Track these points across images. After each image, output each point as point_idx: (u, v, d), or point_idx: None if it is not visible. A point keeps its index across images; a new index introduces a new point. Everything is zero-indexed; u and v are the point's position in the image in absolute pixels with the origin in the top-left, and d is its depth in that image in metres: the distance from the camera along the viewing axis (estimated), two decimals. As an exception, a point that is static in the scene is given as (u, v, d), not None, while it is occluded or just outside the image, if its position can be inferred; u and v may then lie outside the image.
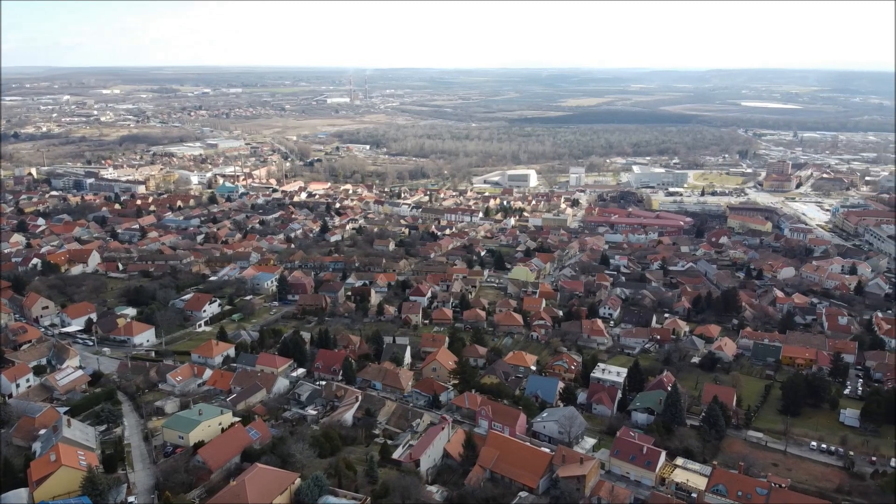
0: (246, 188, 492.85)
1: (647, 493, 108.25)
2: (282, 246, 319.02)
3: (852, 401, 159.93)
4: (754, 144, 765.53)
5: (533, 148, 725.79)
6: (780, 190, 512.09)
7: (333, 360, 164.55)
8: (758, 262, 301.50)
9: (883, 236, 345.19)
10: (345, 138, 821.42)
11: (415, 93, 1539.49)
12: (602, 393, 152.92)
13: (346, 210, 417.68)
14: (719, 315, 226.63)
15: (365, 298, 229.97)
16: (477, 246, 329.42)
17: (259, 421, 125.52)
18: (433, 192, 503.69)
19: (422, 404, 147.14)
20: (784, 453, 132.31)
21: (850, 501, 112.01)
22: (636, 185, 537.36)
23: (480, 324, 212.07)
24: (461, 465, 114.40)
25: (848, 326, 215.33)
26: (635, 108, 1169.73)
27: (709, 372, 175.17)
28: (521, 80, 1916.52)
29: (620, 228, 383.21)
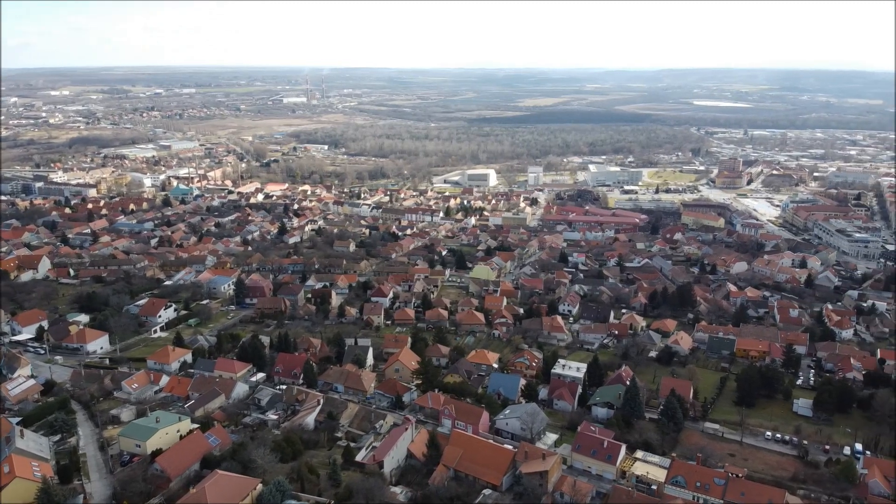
0: (201, 190, 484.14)
1: (609, 486, 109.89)
2: (238, 248, 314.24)
3: (805, 391, 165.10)
4: (706, 142, 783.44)
5: (492, 148, 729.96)
6: (731, 187, 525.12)
7: (294, 364, 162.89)
8: (711, 257, 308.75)
9: (831, 230, 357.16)
10: (302, 138, 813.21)
11: (373, 92, 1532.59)
12: (563, 389, 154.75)
13: (305, 211, 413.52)
14: (675, 310, 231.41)
15: (325, 300, 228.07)
16: (438, 246, 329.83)
17: (218, 427, 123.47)
18: (393, 192, 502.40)
19: (385, 405, 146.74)
20: (740, 444, 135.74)
21: (805, 489, 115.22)
22: (593, 183, 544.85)
23: (443, 323, 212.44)
24: (425, 465, 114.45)
25: (799, 318, 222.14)
26: (591, 107, 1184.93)
27: (666, 366, 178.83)
28: (479, 80, 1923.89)
29: (578, 226, 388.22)
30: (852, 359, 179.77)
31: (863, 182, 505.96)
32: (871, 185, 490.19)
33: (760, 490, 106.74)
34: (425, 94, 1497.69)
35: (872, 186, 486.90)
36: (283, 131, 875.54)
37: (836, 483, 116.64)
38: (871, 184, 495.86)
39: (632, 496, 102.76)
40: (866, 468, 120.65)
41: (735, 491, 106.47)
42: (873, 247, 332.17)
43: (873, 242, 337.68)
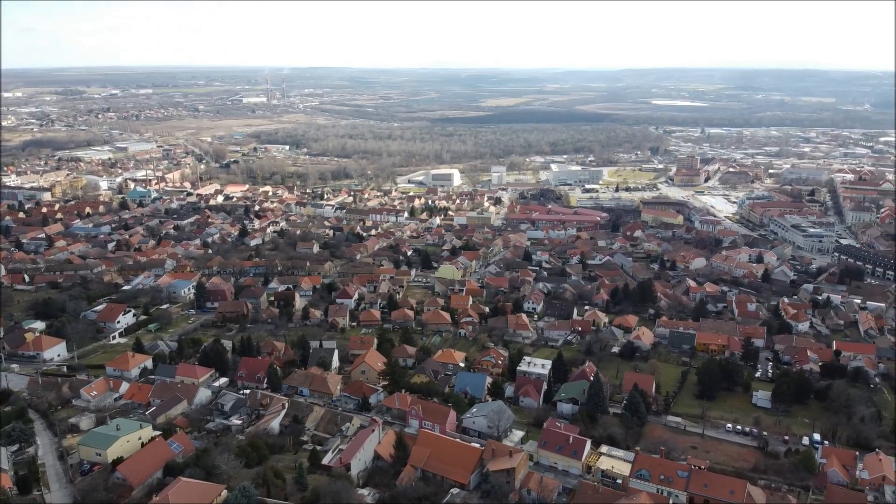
0: (159, 192, 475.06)
1: (575, 481, 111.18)
2: (198, 252, 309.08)
3: (763, 383, 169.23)
4: (664, 141, 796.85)
5: (455, 147, 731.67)
6: (689, 184, 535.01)
7: (257, 368, 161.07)
8: (671, 253, 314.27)
9: (786, 226, 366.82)
10: (263, 139, 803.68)
11: (335, 92, 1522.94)
12: (528, 386, 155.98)
13: (266, 212, 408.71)
14: (636, 305, 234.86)
15: (289, 303, 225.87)
16: (403, 246, 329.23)
17: (181, 433, 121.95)
18: (357, 192, 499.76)
19: (351, 408, 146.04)
20: (702, 436, 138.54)
21: (766, 479, 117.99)
22: (555, 182, 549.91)
23: (409, 323, 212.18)
24: (392, 466, 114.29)
25: (757, 312, 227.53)
26: (552, 107, 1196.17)
27: (628, 361, 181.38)
28: (441, 80, 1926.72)
29: (541, 225, 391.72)
30: (809, 351, 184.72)
31: (816, 178, 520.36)
32: (824, 182, 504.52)
33: (722, 481, 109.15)
34: (388, 94, 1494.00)
35: (826, 182, 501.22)
36: (243, 132, 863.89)
37: (795, 473, 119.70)
38: (824, 180, 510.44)
39: (597, 491, 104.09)
40: (825, 458, 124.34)
41: (698, 483, 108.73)
42: (827, 241, 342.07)
43: (827, 237, 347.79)
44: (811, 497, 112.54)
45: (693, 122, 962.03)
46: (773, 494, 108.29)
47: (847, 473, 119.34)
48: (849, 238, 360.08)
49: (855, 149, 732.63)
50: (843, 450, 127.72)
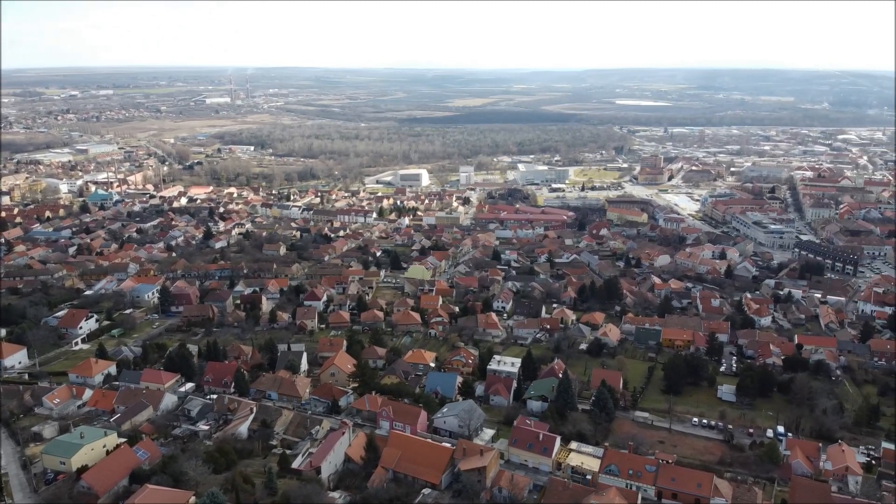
0: (121, 195, 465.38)
1: (545, 478, 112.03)
2: (162, 255, 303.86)
3: (728, 377, 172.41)
4: (629, 141, 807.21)
5: (423, 148, 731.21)
6: (653, 183, 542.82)
7: (224, 373, 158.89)
8: (636, 251, 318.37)
9: (748, 222, 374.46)
10: (227, 139, 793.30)
11: (300, 92, 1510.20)
12: (498, 384, 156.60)
13: (232, 214, 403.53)
14: (603, 303, 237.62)
15: (255, 306, 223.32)
16: (372, 247, 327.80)
17: (147, 440, 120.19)
18: (324, 193, 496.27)
19: (321, 410, 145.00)
20: (669, 431, 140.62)
21: (732, 472, 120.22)
22: (522, 182, 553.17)
23: (379, 324, 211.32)
24: (363, 468, 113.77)
25: (720, 308, 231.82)
26: (518, 108, 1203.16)
27: (596, 357, 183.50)
28: (408, 80, 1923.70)
29: (509, 224, 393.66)
30: (771, 345, 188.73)
31: (777, 176, 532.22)
32: (784, 179, 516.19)
33: (689, 475, 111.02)
34: (354, 94, 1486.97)
35: (786, 180, 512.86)
36: (206, 132, 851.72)
37: (760, 465, 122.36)
38: (784, 177, 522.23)
39: (567, 487, 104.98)
40: (789, 449, 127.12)
41: (666, 477, 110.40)
42: (788, 237, 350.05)
43: (788, 233, 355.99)
44: (776, 489, 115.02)
45: (656, 122, 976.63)
46: (739, 487, 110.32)
47: (811, 464, 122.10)
48: (809, 234, 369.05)
49: (814, 147, 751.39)
50: (807, 441, 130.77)
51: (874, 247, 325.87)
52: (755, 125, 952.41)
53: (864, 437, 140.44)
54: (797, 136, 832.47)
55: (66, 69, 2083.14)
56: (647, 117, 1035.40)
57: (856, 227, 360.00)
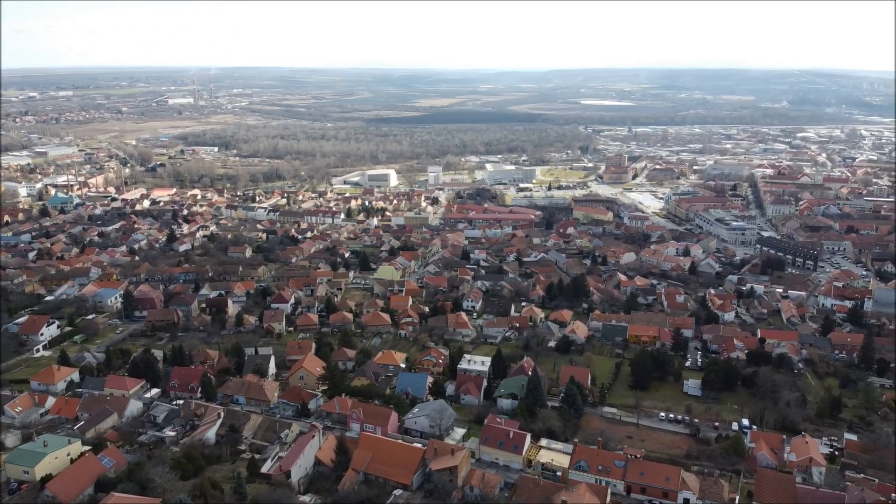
0: (81, 198, 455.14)
1: (516, 476, 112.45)
2: (125, 259, 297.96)
3: (693, 372, 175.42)
4: (594, 140, 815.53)
5: (391, 148, 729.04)
6: (618, 182, 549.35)
7: (190, 377, 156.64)
8: (602, 249, 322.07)
9: (711, 220, 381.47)
10: (190, 140, 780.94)
11: (264, 92, 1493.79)
12: (469, 383, 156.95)
13: (196, 216, 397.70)
14: (570, 300, 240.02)
15: (221, 310, 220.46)
16: (340, 248, 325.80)
17: (112, 448, 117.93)
18: (291, 194, 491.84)
19: (290, 414, 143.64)
20: (637, 426, 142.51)
21: (699, 465, 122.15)
22: (490, 182, 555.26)
23: (348, 326, 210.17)
24: (334, 471, 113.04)
25: (685, 304, 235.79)
26: (485, 108, 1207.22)
27: (564, 354, 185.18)
28: (374, 80, 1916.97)
29: (478, 224, 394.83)
30: (735, 339, 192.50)
31: (738, 173, 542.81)
32: (745, 177, 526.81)
33: (658, 469, 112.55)
34: (320, 94, 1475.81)
35: (747, 177, 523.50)
36: (169, 134, 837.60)
37: (726, 458, 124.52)
38: (745, 175, 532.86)
39: (538, 484, 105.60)
40: (754, 442, 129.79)
41: (634, 471, 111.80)
42: (750, 234, 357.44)
43: (749, 230, 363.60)
44: (742, 481, 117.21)
45: (620, 122, 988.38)
46: (705, 480, 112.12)
47: (775, 456, 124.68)
48: (770, 230, 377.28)
49: (774, 144, 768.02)
50: (771, 434, 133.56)
51: (833, 242, 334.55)
52: (717, 124, 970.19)
53: (827, 428, 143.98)
54: (757, 135, 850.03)
55: (24, 70, 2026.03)
56: (611, 117, 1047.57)
57: (815, 223, 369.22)
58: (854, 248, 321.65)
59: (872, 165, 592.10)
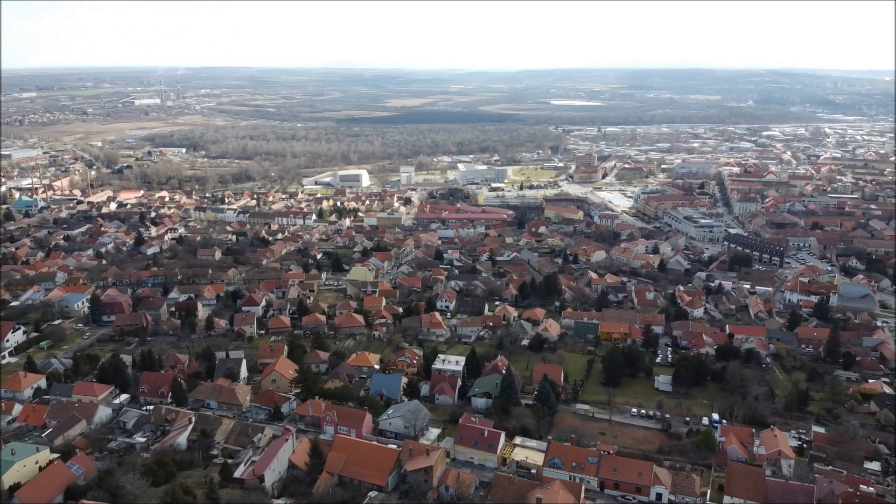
0: (46, 201, 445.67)
1: (491, 474, 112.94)
2: (91, 263, 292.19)
3: (664, 368, 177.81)
4: (564, 140, 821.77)
5: (363, 148, 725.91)
6: (588, 181, 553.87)
7: (160, 382, 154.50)
8: (573, 247, 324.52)
9: (679, 217, 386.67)
10: (157, 142, 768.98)
11: (233, 92, 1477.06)
12: (443, 383, 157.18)
13: (164, 219, 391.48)
14: (543, 299, 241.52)
15: (191, 313, 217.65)
16: (312, 249, 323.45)
17: (81, 455, 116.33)
18: (261, 195, 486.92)
19: (262, 418, 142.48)
20: (609, 422, 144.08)
21: (671, 460, 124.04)
22: (462, 182, 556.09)
23: (321, 328, 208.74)
24: (308, 474, 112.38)
25: (655, 300, 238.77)
26: (456, 108, 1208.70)
27: (537, 352, 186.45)
28: (345, 79, 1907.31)
29: (451, 224, 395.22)
30: (704, 335, 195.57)
31: (705, 172, 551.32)
32: (712, 175, 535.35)
33: (630, 464, 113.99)
34: (290, 94, 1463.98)
35: (714, 175, 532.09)
36: (136, 135, 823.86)
37: (697, 452, 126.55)
38: (713, 173, 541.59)
39: (513, 482, 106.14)
40: (724, 436, 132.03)
41: (607, 467, 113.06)
42: (717, 231, 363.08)
43: (717, 227, 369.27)
44: (713, 474, 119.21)
45: (590, 121, 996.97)
46: (677, 474, 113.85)
47: (745, 450, 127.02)
48: (737, 227, 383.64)
49: (740, 143, 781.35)
50: (741, 428, 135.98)
51: (799, 238, 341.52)
52: (684, 123, 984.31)
53: (795, 421, 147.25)
54: (724, 134, 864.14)
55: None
56: (581, 117, 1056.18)
57: (781, 219, 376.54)
58: (819, 244, 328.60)
59: (836, 163, 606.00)
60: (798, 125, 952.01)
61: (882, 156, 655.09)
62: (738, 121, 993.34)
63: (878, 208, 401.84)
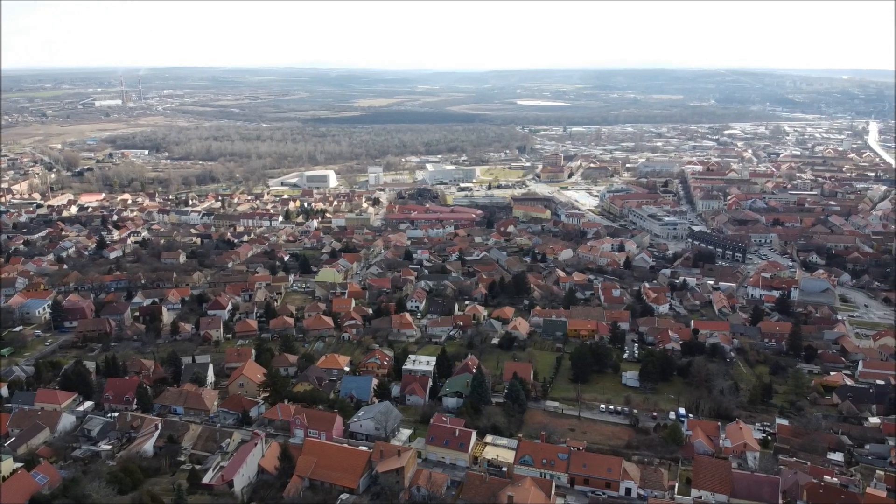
0: (5, 205, 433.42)
1: (463, 473, 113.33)
2: (52, 268, 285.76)
3: (631, 363, 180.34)
4: (531, 140, 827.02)
5: (329, 148, 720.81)
6: (555, 180, 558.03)
7: (125, 389, 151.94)
8: (541, 246, 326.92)
9: (644, 215, 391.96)
10: (119, 144, 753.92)
11: (196, 93, 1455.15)
12: (414, 383, 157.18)
13: (126, 222, 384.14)
14: (512, 297, 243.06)
15: (155, 318, 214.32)
16: (279, 251, 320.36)
17: (45, 464, 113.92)
18: (226, 196, 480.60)
19: (230, 423, 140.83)
20: (578, 418, 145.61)
21: (639, 455, 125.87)
22: (431, 182, 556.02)
23: (289, 331, 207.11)
24: (278, 479, 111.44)
25: (621, 297, 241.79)
26: (424, 108, 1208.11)
27: (507, 351, 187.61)
28: (310, 79, 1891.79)
29: (420, 224, 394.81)
30: (670, 331, 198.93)
31: (669, 170, 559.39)
32: (676, 173, 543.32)
33: (600, 460, 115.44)
34: (254, 94, 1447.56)
35: (677, 174, 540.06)
36: (96, 137, 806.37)
37: (665, 446, 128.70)
38: (676, 172, 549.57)
39: (484, 481, 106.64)
40: (690, 430, 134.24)
41: (577, 463, 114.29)
42: (681, 228, 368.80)
43: (681, 225, 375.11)
44: (681, 468, 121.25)
45: (556, 121, 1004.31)
46: (646, 469, 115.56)
47: (711, 443, 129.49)
48: (700, 224, 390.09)
49: (702, 142, 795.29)
50: (707, 421, 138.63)
51: (760, 234, 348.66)
52: (648, 122, 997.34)
53: (759, 414, 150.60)
54: (687, 132, 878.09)
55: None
56: (547, 117, 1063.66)
57: (743, 216, 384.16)
58: (780, 240, 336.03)
59: (796, 160, 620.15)
60: (758, 124, 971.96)
61: (840, 153, 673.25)
62: (700, 120, 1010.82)
63: (836, 204, 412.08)
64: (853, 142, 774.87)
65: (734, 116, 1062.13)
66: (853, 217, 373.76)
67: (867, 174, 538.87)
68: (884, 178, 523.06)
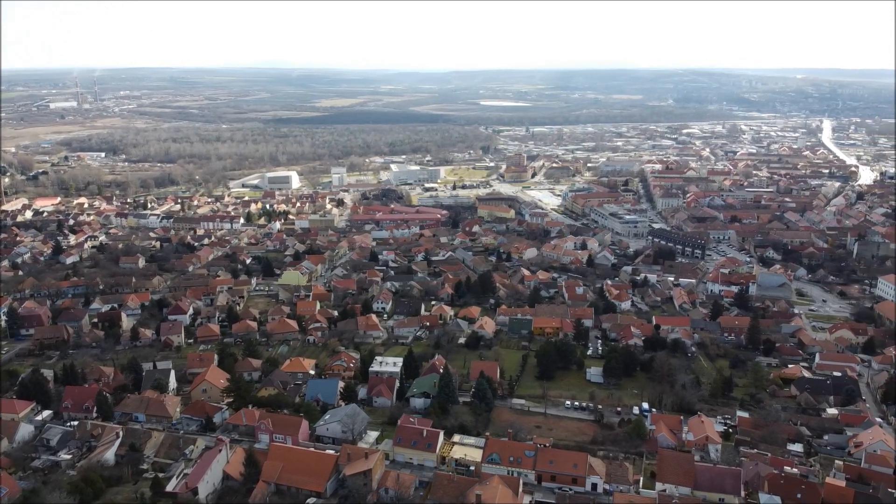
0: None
1: (431, 474, 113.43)
2: (7, 274, 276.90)
3: (595, 360, 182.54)
4: (494, 140, 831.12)
5: (291, 149, 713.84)
6: (518, 180, 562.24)
7: (84, 397, 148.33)
8: (506, 245, 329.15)
9: (605, 214, 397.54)
10: (74, 146, 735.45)
11: (154, 94, 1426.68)
12: (381, 385, 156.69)
13: (83, 226, 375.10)
14: (478, 297, 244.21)
15: (114, 324, 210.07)
16: (241, 254, 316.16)
17: (3, 475, 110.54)
18: (185, 199, 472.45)
19: (194, 429, 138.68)
20: (544, 415, 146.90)
21: (604, 450, 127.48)
22: (396, 182, 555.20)
23: (252, 335, 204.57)
24: (244, 485, 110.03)
25: (584, 295, 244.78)
26: (387, 108, 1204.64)
27: (474, 350, 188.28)
28: (271, 79, 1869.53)
29: (385, 225, 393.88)
30: (632, 327, 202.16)
31: (629, 170, 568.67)
32: (636, 172, 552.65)
33: (566, 456, 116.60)
34: (214, 95, 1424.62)
35: (637, 173, 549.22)
36: (51, 139, 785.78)
37: (629, 441, 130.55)
38: (636, 171, 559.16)
39: (453, 480, 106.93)
40: (654, 424, 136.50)
41: (544, 460, 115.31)
42: (642, 226, 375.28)
43: (641, 223, 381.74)
44: (645, 462, 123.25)
45: (518, 122, 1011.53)
46: (611, 464, 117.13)
47: (674, 437, 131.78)
48: (660, 222, 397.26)
49: (661, 141, 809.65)
50: (670, 415, 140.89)
51: (719, 231, 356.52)
52: (608, 122, 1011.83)
53: (721, 407, 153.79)
54: (646, 132, 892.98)
55: None
56: (509, 117, 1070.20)
57: (702, 214, 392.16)
58: (738, 237, 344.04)
59: (752, 158, 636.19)
60: (716, 123, 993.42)
61: (795, 150, 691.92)
62: (659, 119, 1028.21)
63: (792, 201, 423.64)
64: (807, 139, 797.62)
65: (692, 116, 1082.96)
66: (808, 213, 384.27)
67: (821, 171, 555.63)
68: (837, 174, 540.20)
